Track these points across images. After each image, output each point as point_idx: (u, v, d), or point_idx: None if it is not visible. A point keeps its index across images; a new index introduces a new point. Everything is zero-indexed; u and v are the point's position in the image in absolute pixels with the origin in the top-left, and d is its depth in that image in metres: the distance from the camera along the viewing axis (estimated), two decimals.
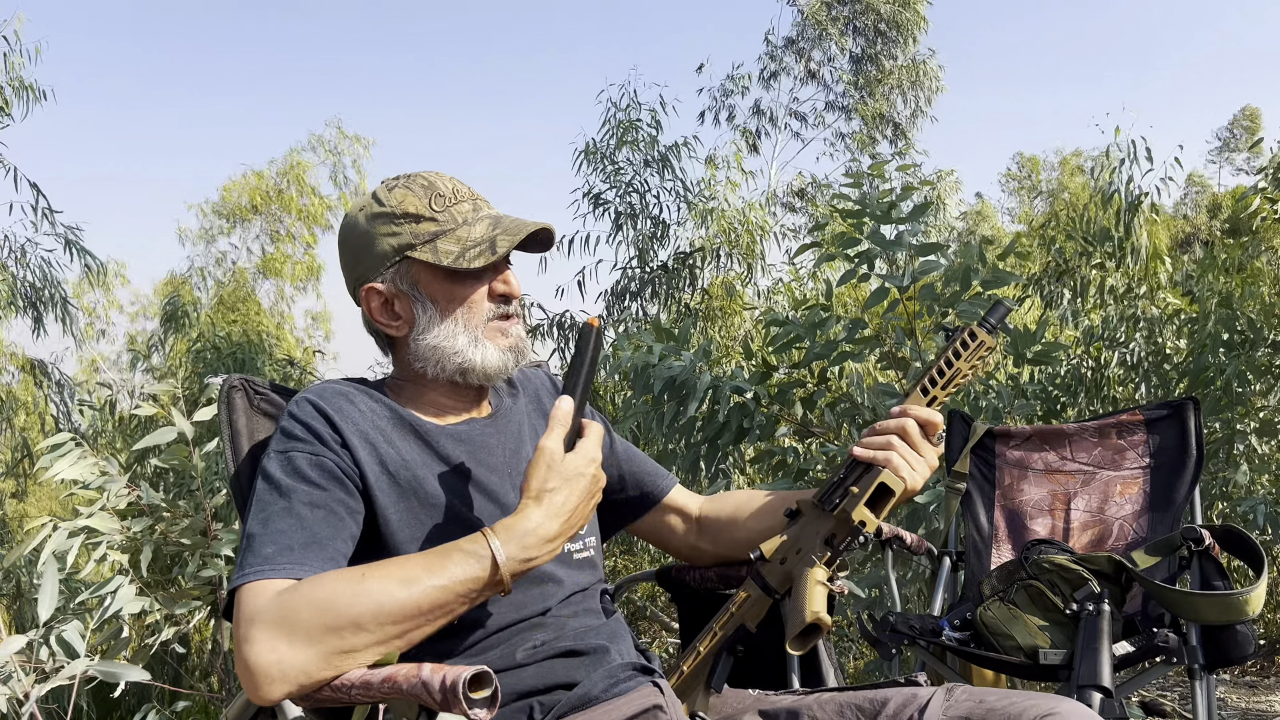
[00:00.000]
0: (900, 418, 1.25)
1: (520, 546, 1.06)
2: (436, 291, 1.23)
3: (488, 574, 1.04)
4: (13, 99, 5.96)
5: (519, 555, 1.05)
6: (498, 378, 1.27)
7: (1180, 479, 2.17)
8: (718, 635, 1.30)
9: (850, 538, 1.25)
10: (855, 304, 6.45)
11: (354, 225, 1.26)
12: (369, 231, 1.24)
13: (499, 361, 1.25)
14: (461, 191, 1.25)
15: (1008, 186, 22.52)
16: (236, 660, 0.98)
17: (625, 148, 6.43)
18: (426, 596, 1.01)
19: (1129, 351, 4.03)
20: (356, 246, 1.26)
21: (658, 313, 6.55)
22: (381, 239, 1.23)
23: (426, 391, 1.28)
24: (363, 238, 1.24)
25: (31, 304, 6.28)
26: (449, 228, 1.22)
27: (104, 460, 2.34)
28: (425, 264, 1.22)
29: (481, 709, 0.88)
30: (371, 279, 1.24)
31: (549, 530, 1.07)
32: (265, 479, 1.13)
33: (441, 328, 1.23)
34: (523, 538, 1.06)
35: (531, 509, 1.08)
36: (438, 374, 1.25)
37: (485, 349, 1.24)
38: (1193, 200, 28.95)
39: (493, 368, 1.24)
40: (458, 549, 1.05)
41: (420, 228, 1.22)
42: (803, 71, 17.64)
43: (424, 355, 1.24)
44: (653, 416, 3.46)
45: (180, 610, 2.33)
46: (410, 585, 1.01)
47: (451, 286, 1.23)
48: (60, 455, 2.29)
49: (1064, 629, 1.82)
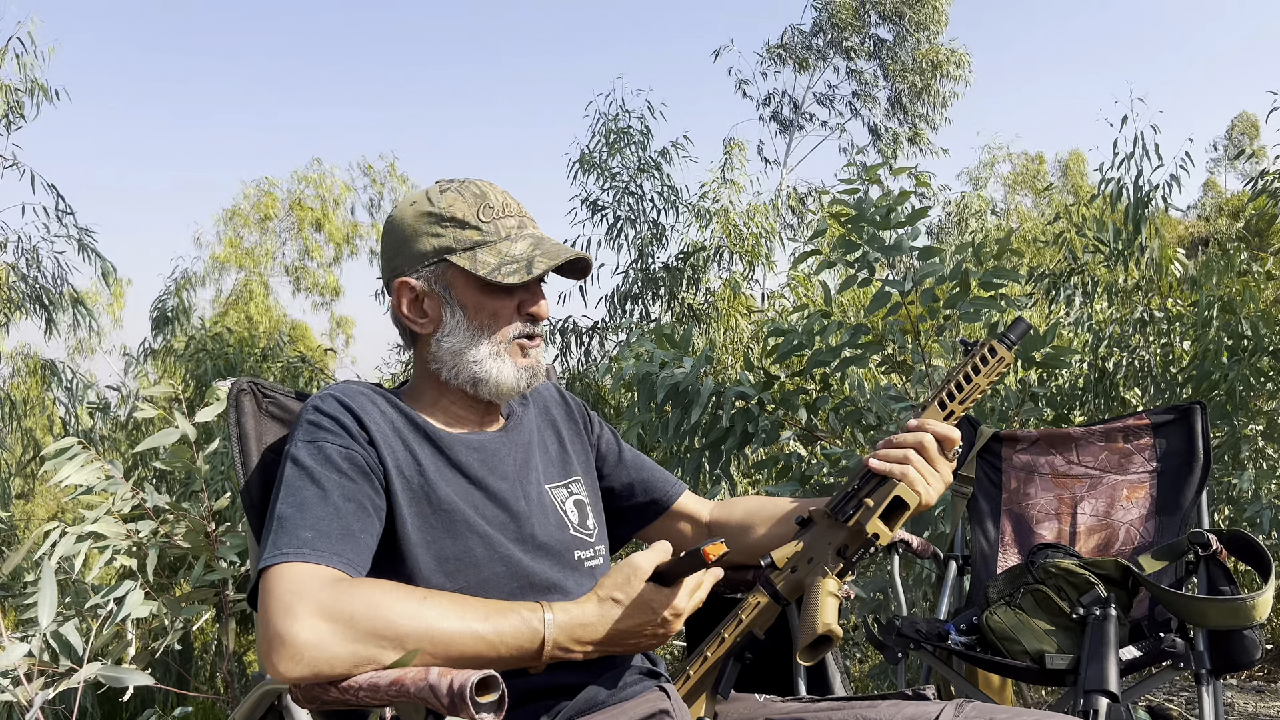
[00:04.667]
0: (918, 432, 1.25)
1: (568, 635, 1.07)
2: (468, 299, 1.24)
3: (533, 646, 1.05)
4: (25, 101, 6.00)
5: (563, 641, 1.07)
6: (509, 395, 1.28)
7: (1187, 483, 2.17)
8: (725, 641, 1.30)
9: (863, 549, 1.25)
10: (854, 307, 6.44)
11: (401, 218, 1.27)
12: (414, 227, 1.25)
13: (513, 379, 1.26)
14: (510, 206, 1.27)
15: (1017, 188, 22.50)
16: (265, 632, 0.97)
17: (617, 155, 6.46)
18: (473, 642, 1.02)
19: (1135, 355, 4.02)
20: (399, 239, 1.27)
21: (659, 315, 6.55)
22: (424, 237, 1.24)
23: (441, 399, 1.28)
24: (407, 232, 1.26)
25: (43, 305, 6.31)
26: (491, 239, 1.24)
27: (109, 464, 2.34)
28: (462, 270, 1.23)
29: (488, 713, 0.88)
30: (407, 273, 1.26)
31: (595, 632, 1.08)
32: (296, 465, 1.13)
33: (466, 335, 1.24)
34: (572, 627, 1.07)
35: (592, 605, 1.09)
36: (451, 379, 1.26)
37: (503, 364, 1.25)
38: (1206, 204, 28.87)
39: (506, 384, 1.25)
40: (515, 611, 1.05)
41: (464, 234, 1.23)
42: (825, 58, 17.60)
43: (442, 358, 1.25)
44: (656, 423, 3.45)
45: (186, 614, 2.33)
46: (464, 624, 1.02)
47: (483, 297, 1.24)
48: (67, 459, 2.29)
49: (1070, 633, 1.82)
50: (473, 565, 1.17)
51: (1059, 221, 4.82)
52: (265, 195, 16.22)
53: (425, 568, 1.16)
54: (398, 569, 1.15)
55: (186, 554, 2.36)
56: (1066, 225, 4.71)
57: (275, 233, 16.39)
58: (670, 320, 6.43)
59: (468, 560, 1.17)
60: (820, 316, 3.22)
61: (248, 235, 16.27)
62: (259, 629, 1.00)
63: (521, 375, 1.27)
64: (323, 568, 1.03)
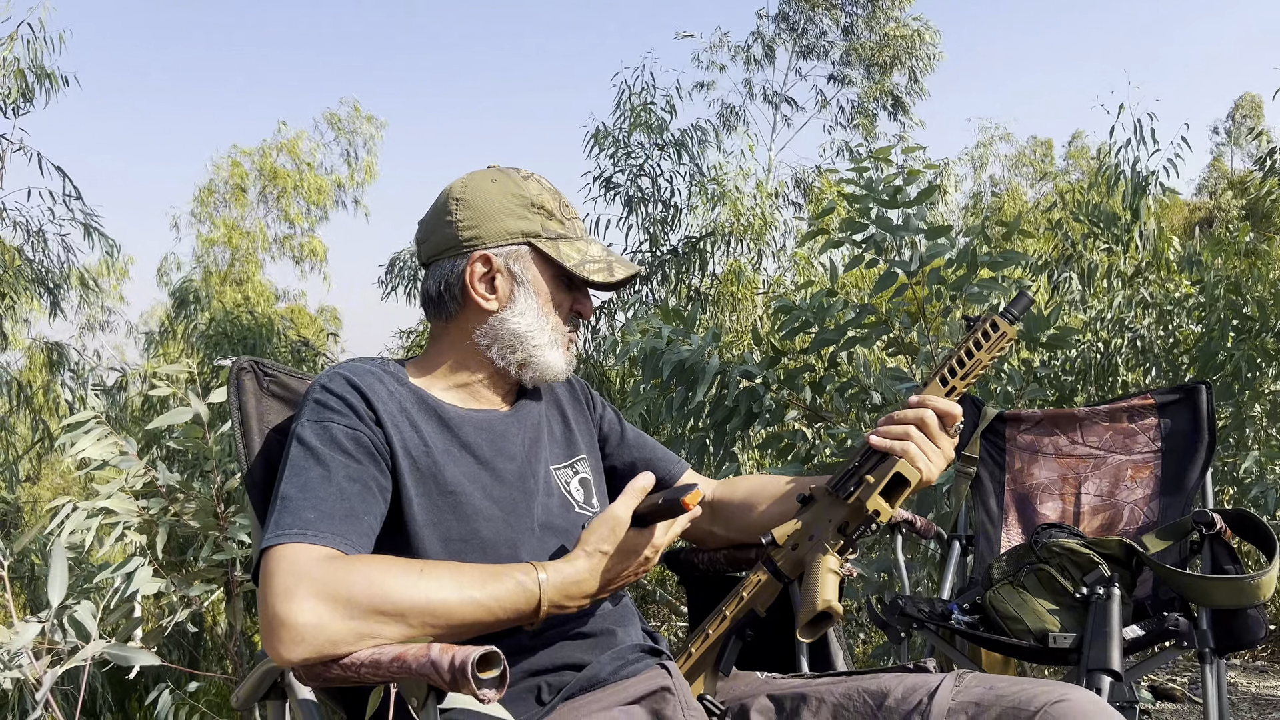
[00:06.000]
0: (919, 408, 1.24)
1: (561, 592, 1.10)
2: (543, 286, 1.28)
3: (529, 607, 1.08)
4: (35, 87, 6.01)
5: (556, 599, 1.10)
6: (549, 380, 1.32)
7: (1192, 463, 2.16)
8: (727, 619, 1.30)
9: (863, 526, 1.25)
10: (858, 288, 6.42)
11: (484, 190, 1.29)
12: (502, 204, 1.27)
13: (560, 368, 1.31)
14: (576, 212, 1.34)
15: (1019, 171, 22.36)
16: (266, 613, 0.98)
17: (638, 131, 6.41)
18: (472, 609, 1.04)
19: (1139, 335, 4.01)
20: (482, 210, 1.27)
21: (666, 297, 6.54)
22: (512, 216, 1.27)
23: (463, 373, 1.29)
24: (493, 205, 1.27)
25: (48, 288, 6.33)
26: (571, 236, 1.30)
27: (123, 439, 2.34)
28: (546, 258, 1.28)
29: (490, 689, 0.88)
30: (487, 247, 1.27)
31: (589, 587, 1.12)
32: (301, 445, 1.13)
33: (535, 318, 1.28)
34: (565, 584, 1.10)
35: (581, 561, 1.13)
36: (499, 357, 1.28)
37: (557, 353, 1.30)
38: (1213, 184, 28.70)
39: (554, 371, 1.30)
40: (510, 575, 1.08)
41: (550, 224, 1.29)
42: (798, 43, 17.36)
43: (501, 336, 1.27)
44: (661, 402, 3.46)
45: (195, 592, 2.34)
46: (461, 592, 1.04)
47: (557, 288, 1.30)
48: (83, 433, 2.28)
49: (1074, 613, 1.82)
50: (478, 546, 1.18)
51: (1056, 209, 4.83)
52: (235, 167, 16.26)
53: (431, 548, 1.16)
54: (403, 549, 1.15)
55: (196, 534, 2.37)
56: (1063, 212, 4.71)
57: (253, 204, 16.43)
58: (677, 303, 6.42)
59: (474, 541, 1.18)
60: (825, 295, 3.21)
61: (227, 211, 16.30)
62: (260, 611, 1.00)
63: (566, 366, 1.32)
64: (322, 548, 1.04)
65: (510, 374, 1.30)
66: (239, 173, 16.22)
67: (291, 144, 16.56)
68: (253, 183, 16.28)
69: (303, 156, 16.61)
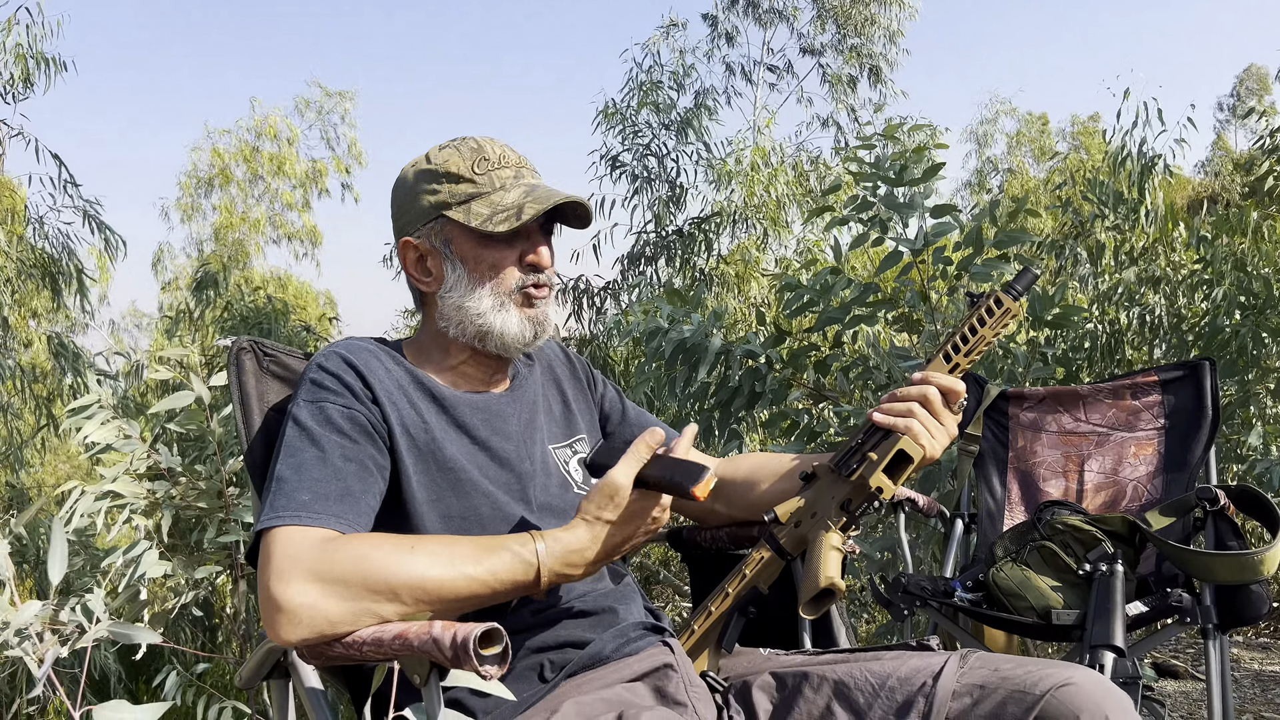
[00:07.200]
0: (922, 385, 1.23)
1: (562, 561, 1.09)
2: (466, 252, 1.24)
3: (529, 578, 1.07)
4: (34, 71, 5.98)
5: (558, 568, 1.09)
6: (515, 347, 1.26)
7: (1195, 440, 2.16)
8: (730, 596, 1.30)
9: (866, 503, 1.25)
10: (864, 267, 6.40)
11: (403, 180, 1.29)
12: (414, 187, 1.26)
13: (518, 330, 1.24)
14: (508, 158, 1.26)
15: (1018, 149, 22.21)
16: (263, 596, 0.99)
17: (646, 109, 6.38)
18: (467, 584, 1.03)
19: (1146, 310, 4.00)
20: (401, 200, 1.28)
21: (670, 278, 6.52)
22: (423, 196, 1.25)
23: (448, 358, 1.28)
24: (408, 193, 1.27)
25: (50, 276, 6.32)
26: (485, 191, 1.23)
27: (127, 422, 2.35)
28: (458, 224, 1.23)
29: (492, 665, 0.88)
30: (409, 233, 1.27)
31: (591, 555, 1.11)
32: (297, 425, 1.13)
33: (467, 288, 1.24)
34: (566, 554, 1.09)
35: (581, 529, 1.11)
36: (458, 335, 1.26)
37: (508, 315, 1.24)
38: (1216, 163, 28.52)
39: (511, 335, 1.24)
40: (506, 547, 1.07)
41: (458, 188, 1.23)
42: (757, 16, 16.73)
43: (449, 315, 1.25)
44: (665, 382, 3.45)
45: (200, 575, 2.35)
46: (455, 568, 1.03)
47: (480, 249, 1.23)
48: (86, 417, 2.28)
49: (1077, 590, 1.82)
50: (478, 524, 1.18)
51: (1064, 188, 4.82)
52: (216, 156, 16.24)
53: (431, 525, 1.16)
54: (402, 527, 1.15)
55: (201, 516, 2.38)
56: (1072, 190, 4.70)
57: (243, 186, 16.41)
58: (682, 283, 6.41)
59: (473, 519, 1.18)
60: (830, 273, 3.20)
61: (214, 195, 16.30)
62: (259, 594, 1.01)
63: (527, 326, 1.25)
64: (318, 530, 1.04)
65: (483, 351, 1.26)
66: (220, 161, 16.19)
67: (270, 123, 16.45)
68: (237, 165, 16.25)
69: (281, 134, 16.56)
